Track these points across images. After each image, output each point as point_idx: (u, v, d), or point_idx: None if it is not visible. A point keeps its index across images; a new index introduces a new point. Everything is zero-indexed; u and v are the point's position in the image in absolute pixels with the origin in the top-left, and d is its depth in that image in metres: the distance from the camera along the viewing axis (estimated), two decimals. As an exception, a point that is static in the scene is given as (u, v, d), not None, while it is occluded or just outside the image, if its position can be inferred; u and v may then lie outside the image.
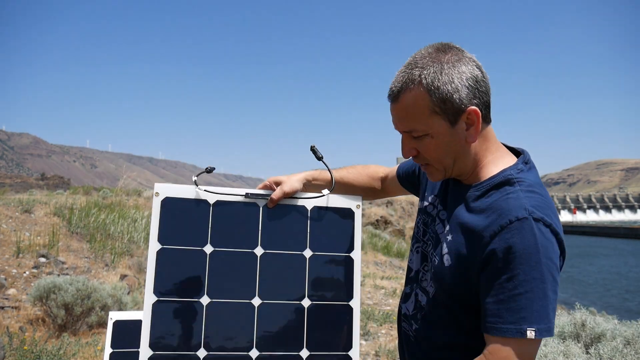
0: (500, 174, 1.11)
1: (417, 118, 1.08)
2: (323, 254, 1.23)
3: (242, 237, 1.20)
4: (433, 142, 1.10)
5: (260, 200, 1.22)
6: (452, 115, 1.08)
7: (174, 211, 1.18)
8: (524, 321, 0.97)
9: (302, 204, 1.23)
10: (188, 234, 1.18)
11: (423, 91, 1.06)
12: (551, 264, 1.01)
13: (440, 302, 1.16)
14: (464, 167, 1.14)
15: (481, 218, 1.07)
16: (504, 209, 1.04)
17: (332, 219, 1.25)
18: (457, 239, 1.10)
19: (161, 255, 1.16)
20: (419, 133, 1.10)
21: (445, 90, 1.06)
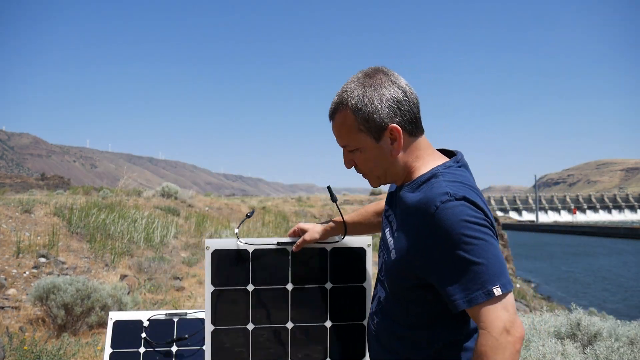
0: (429, 171, 1.26)
1: (347, 135, 1.29)
2: (340, 285, 1.53)
3: (276, 276, 1.50)
4: (363, 156, 1.30)
5: (289, 246, 1.51)
6: (376, 132, 1.26)
7: (221, 260, 1.48)
8: (487, 283, 1.08)
9: (323, 247, 1.52)
10: (234, 277, 1.48)
11: (349, 112, 1.26)
12: (485, 230, 1.13)
13: (393, 296, 1.29)
14: (396, 174, 1.31)
15: (414, 210, 1.20)
16: (430, 197, 1.17)
17: (348, 256, 1.54)
18: (400, 234, 1.25)
19: (215, 294, 1.47)
20: (351, 148, 1.30)
21: (366, 111, 1.24)
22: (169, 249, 9.62)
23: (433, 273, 1.15)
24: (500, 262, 1.11)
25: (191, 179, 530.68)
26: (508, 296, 1.09)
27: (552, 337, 3.02)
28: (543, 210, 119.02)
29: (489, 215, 1.17)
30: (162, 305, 5.69)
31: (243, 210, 18.34)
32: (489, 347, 1.06)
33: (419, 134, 1.30)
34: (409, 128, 1.27)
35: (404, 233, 1.23)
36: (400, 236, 1.24)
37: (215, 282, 1.47)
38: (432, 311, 1.23)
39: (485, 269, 1.09)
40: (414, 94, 1.28)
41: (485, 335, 1.07)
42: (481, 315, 1.09)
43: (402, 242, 1.22)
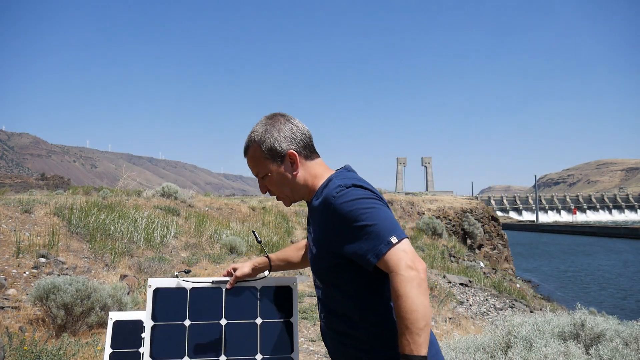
0: (325, 180, 1.57)
1: (257, 165, 1.60)
2: (270, 320, 1.67)
3: (211, 312, 1.63)
4: (272, 179, 1.59)
5: (223, 285, 1.67)
6: (279, 158, 1.58)
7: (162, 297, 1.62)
8: (385, 237, 1.36)
9: (254, 285, 1.69)
10: (173, 313, 1.61)
11: (257, 146, 1.59)
12: (373, 201, 1.43)
13: (326, 286, 1.55)
14: (302, 192, 1.60)
15: (321, 209, 1.50)
16: (327, 193, 1.48)
17: (276, 294, 1.70)
18: (316, 233, 1.55)
19: (154, 329, 1.58)
20: (263, 174, 1.59)
21: (268, 143, 1.58)
22: (169, 249, 9.60)
23: (347, 247, 1.42)
24: (392, 220, 1.41)
25: (191, 179, 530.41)
26: (404, 241, 1.36)
27: (555, 338, 3.00)
28: (543, 210, 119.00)
29: (377, 193, 1.48)
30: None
31: (243, 210, 18.32)
32: (399, 283, 1.29)
33: (315, 157, 1.63)
34: (305, 153, 1.60)
35: (317, 230, 1.53)
36: (316, 234, 1.54)
37: (155, 318, 1.60)
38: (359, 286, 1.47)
39: (381, 227, 1.37)
40: (306, 128, 1.64)
41: (394, 276, 1.31)
42: (388, 262, 1.33)
43: (318, 236, 1.53)
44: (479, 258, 20.53)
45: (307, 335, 5.04)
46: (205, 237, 11.46)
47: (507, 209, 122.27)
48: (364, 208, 1.40)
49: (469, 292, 9.67)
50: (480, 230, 23.85)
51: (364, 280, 1.46)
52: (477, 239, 23.72)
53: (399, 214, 22.92)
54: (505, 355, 3.04)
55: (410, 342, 1.25)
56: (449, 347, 3.32)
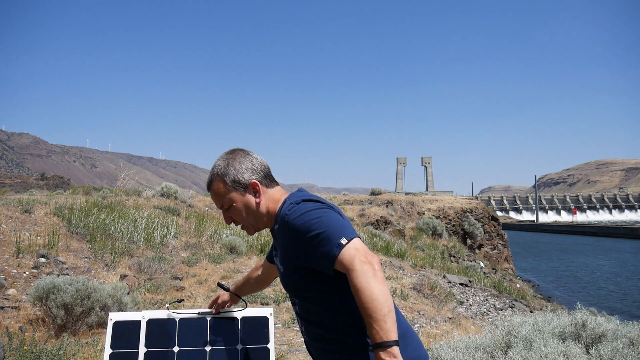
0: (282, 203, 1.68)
1: (222, 197, 1.70)
2: (249, 346, 1.87)
3: (197, 339, 1.83)
4: (237, 208, 1.69)
5: (208, 315, 1.88)
6: (242, 188, 1.69)
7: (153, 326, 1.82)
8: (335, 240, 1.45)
9: (235, 316, 1.90)
10: (163, 340, 1.81)
11: (219, 179, 1.70)
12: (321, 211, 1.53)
13: (300, 300, 1.64)
14: (264, 220, 1.71)
15: (281, 231, 1.63)
16: (281, 214, 1.62)
17: (255, 323, 1.91)
18: (281, 252, 1.66)
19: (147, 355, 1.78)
20: (228, 205, 1.69)
21: (232, 175, 1.69)
22: (169, 249, 9.60)
23: (306, 259, 1.52)
24: (340, 223, 1.50)
25: (191, 179, 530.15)
26: (354, 241, 1.45)
27: (555, 338, 3.00)
28: (543, 210, 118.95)
29: (326, 202, 1.59)
30: (161, 305, 5.67)
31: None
32: (355, 278, 1.38)
33: (274, 185, 1.75)
34: (265, 182, 1.73)
35: (281, 250, 1.64)
36: (281, 254, 1.65)
37: (148, 344, 1.81)
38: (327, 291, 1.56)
39: (330, 232, 1.46)
40: (264, 161, 1.78)
41: (350, 273, 1.39)
42: (342, 262, 1.42)
43: (282, 256, 1.64)
44: (479, 258, 20.53)
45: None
46: (205, 237, 11.46)
47: (507, 209, 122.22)
48: (313, 218, 1.50)
49: (469, 292, 9.67)
50: (480, 230, 23.84)
51: (330, 286, 1.55)
52: (477, 239, 23.72)
53: (399, 213, 22.91)
54: (505, 355, 3.04)
55: (378, 329, 1.30)
56: (449, 347, 3.31)
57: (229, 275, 8.22)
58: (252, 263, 9.99)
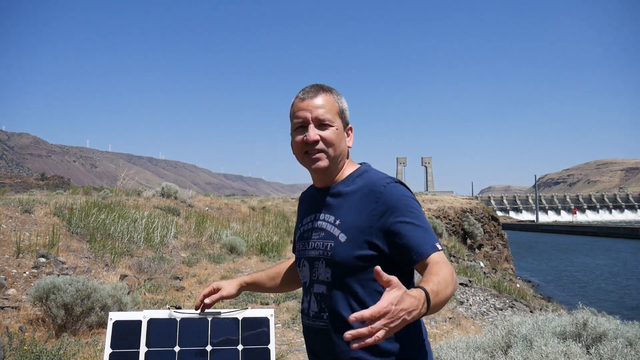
0: (357, 170, 1.58)
1: (330, 112, 1.52)
2: (250, 347, 1.88)
3: (198, 339, 1.84)
4: (335, 133, 1.52)
5: (209, 315, 1.87)
6: (344, 123, 1.57)
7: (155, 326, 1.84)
8: (432, 240, 1.40)
9: (236, 316, 1.89)
10: (165, 340, 1.83)
11: (333, 99, 1.55)
12: (418, 204, 1.48)
13: (337, 282, 1.47)
14: (338, 164, 1.56)
15: (359, 194, 1.48)
16: (374, 181, 1.49)
17: (256, 324, 1.91)
18: (345, 219, 1.48)
19: (148, 355, 1.78)
20: (329, 123, 1.51)
21: (343, 105, 1.57)
22: (169, 249, 9.60)
23: (394, 235, 1.41)
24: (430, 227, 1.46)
25: (191, 179, 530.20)
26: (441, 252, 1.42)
27: (555, 337, 3.00)
28: (543, 210, 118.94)
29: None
30: (161, 305, 5.67)
31: (243, 210, 18.32)
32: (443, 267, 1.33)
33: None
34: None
35: (350, 216, 1.47)
36: (346, 219, 1.48)
37: (149, 344, 1.82)
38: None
39: (429, 231, 1.42)
40: None
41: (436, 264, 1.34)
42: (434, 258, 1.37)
43: (352, 222, 1.46)
44: (479, 258, 20.52)
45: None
46: (205, 237, 11.46)
47: (507, 209, 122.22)
48: (413, 207, 1.44)
49: (469, 292, 9.67)
50: (480, 230, 23.85)
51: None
52: (477, 239, 23.72)
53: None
54: (506, 355, 3.04)
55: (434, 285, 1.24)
56: (449, 347, 3.31)
57: (229, 275, 8.22)
58: (252, 263, 9.99)
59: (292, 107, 1.58)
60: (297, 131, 1.55)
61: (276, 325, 5.29)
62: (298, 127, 1.54)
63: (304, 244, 1.60)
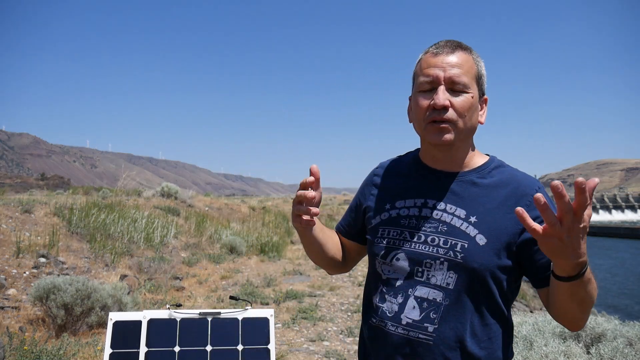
0: (491, 161, 1.33)
1: (467, 75, 1.24)
2: (250, 347, 1.87)
3: (198, 339, 1.84)
4: (469, 101, 1.23)
5: (209, 315, 1.86)
6: (480, 92, 1.28)
7: (154, 327, 1.83)
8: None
9: (236, 317, 1.90)
10: (164, 340, 1.83)
11: (473, 60, 1.26)
12: None
13: (466, 290, 1.20)
14: (466, 142, 1.29)
15: (503, 192, 1.24)
16: (521, 180, 1.26)
17: (256, 324, 1.91)
18: (487, 217, 1.22)
19: (148, 355, 1.77)
20: (464, 87, 1.23)
21: (482, 70, 1.29)
22: (169, 249, 9.61)
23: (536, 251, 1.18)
24: None
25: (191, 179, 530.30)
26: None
27: (555, 338, 3.00)
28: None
29: None
30: (162, 305, 5.68)
31: (243, 210, 18.32)
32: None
33: None
34: None
35: (491, 216, 1.22)
36: (486, 219, 1.22)
37: (149, 344, 1.83)
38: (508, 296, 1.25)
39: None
40: None
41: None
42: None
43: (493, 223, 1.21)
44: (479, 258, 20.50)
45: (307, 335, 5.04)
46: (205, 237, 11.47)
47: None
48: None
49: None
50: (480, 230, 23.85)
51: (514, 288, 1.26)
52: (477, 239, 23.72)
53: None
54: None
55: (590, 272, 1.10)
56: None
57: (229, 275, 8.23)
58: (252, 263, 10.00)
59: (420, 63, 1.30)
60: (422, 93, 1.25)
61: (276, 325, 5.29)
62: (424, 88, 1.25)
63: (402, 232, 1.29)
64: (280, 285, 7.46)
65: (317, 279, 8.14)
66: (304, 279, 8.10)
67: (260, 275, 8.22)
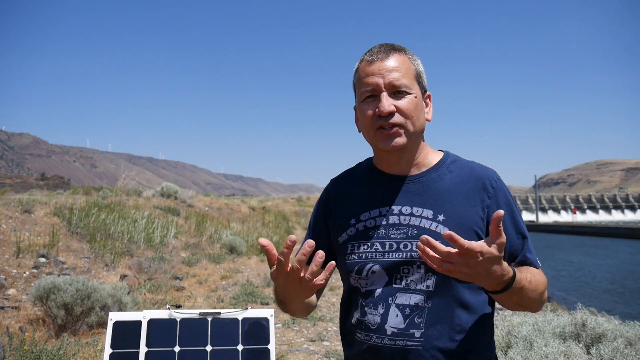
0: (446, 156, 1.34)
1: (406, 76, 1.24)
2: (250, 347, 1.88)
3: (198, 339, 1.85)
4: (413, 102, 1.24)
5: (209, 315, 1.86)
6: (422, 89, 1.29)
7: (155, 327, 1.84)
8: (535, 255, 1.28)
9: (236, 317, 1.90)
10: (164, 340, 1.83)
11: (408, 59, 1.27)
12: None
13: (445, 289, 1.20)
14: (418, 142, 1.30)
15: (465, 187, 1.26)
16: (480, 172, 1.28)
17: (255, 324, 1.92)
18: (454, 213, 1.23)
19: (148, 355, 1.78)
20: (405, 89, 1.23)
21: (419, 67, 1.29)
22: (169, 249, 9.61)
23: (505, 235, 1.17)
24: None
25: (191, 179, 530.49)
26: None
27: (555, 338, 3.00)
28: (543, 210, 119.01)
29: None
30: (162, 305, 5.67)
31: (243, 210, 18.32)
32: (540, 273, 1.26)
33: None
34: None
35: (458, 211, 1.22)
36: (454, 215, 1.22)
37: (149, 344, 1.83)
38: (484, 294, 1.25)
39: (531, 244, 1.29)
40: None
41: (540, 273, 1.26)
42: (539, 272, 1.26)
43: (461, 219, 1.21)
44: (479, 258, 20.51)
45: (307, 335, 5.04)
46: (205, 237, 11.47)
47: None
48: (518, 211, 1.29)
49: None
50: (480, 230, 23.83)
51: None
52: (477, 239, 23.72)
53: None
54: (506, 355, 3.04)
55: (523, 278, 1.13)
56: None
57: (229, 275, 8.23)
58: (252, 263, 10.00)
59: (358, 73, 1.29)
60: (366, 102, 1.26)
61: (276, 325, 5.29)
62: (367, 96, 1.25)
63: (372, 244, 1.26)
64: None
65: (317, 279, 8.14)
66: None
67: (260, 275, 8.22)
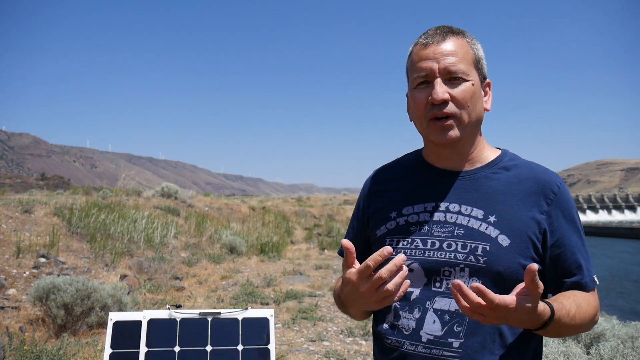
0: (503, 154, 1.23)
1: (464, 61, 1.13)
2: (250, 347, 1.87)
3: (198, 339, 1.84)
4: (470, 89, 1.13)
5: (209, 315, 1.86)
6: (481, 76, 1.18)
7: (155, 327, 1.83)
8: (593, 272, 1.17)
9: (236, 317, 1.89)
10: (164, 340, 1.83)
11: (467, 44, 1.16)
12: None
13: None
14: (474, 135, 1.18)
15: (521, 187, 1.15)
16: (541, 174, 1.16)
17: (256, 324, 1.91)
18: (507, 215, 1.12)
19: (148, 355, 1.77)
20: (462, 75, 1.12)
21: (479, 53, 1.18)
22: (169, 249, 9.61)
23: (557, 247, 1.13)
24: None
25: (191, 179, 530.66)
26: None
27: (555, 338, 3.00)
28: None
29: None
30: (162, 305, 5.68)
31: (243, 210, 18.33)
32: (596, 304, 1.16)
33: None
34: None
35: (512, 213, 1.12)
36: (507, 217, 1.11)
37: (149, 344, 1.83)
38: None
39: (590, 259, 1.18)
40: None
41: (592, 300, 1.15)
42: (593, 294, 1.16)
43: (515, 222, 1.11)
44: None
45: (307, 335, 5.04)
46: (205, 237, 11.47)
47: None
48: (580, 221, 1.18)
49: (469, 292, 9.69)
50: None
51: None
52: (477, 239, 23.73)
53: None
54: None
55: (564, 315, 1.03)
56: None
57: (228, 275, 8.23)
58: (252, 263, 10.00)
59: (411, 57, 1.19)
60: (419, 89, 1.16)
61: (276, 325, 5.29)
62: (419, 83, 1.15)
63: (412, 240, 1.17)
64: (280, 285, 7.46)
65: (317, 279, 8.14)
66: (304, 279, 8.11)
67: (260, 275, 8.22)
